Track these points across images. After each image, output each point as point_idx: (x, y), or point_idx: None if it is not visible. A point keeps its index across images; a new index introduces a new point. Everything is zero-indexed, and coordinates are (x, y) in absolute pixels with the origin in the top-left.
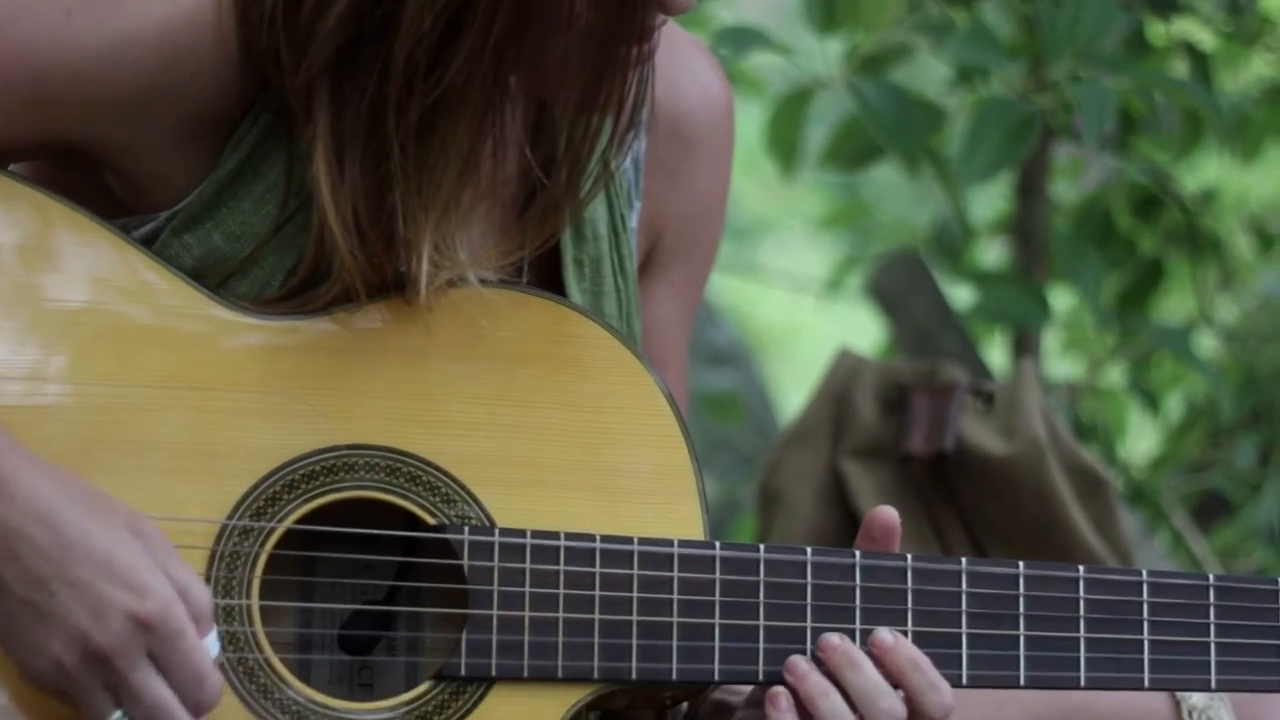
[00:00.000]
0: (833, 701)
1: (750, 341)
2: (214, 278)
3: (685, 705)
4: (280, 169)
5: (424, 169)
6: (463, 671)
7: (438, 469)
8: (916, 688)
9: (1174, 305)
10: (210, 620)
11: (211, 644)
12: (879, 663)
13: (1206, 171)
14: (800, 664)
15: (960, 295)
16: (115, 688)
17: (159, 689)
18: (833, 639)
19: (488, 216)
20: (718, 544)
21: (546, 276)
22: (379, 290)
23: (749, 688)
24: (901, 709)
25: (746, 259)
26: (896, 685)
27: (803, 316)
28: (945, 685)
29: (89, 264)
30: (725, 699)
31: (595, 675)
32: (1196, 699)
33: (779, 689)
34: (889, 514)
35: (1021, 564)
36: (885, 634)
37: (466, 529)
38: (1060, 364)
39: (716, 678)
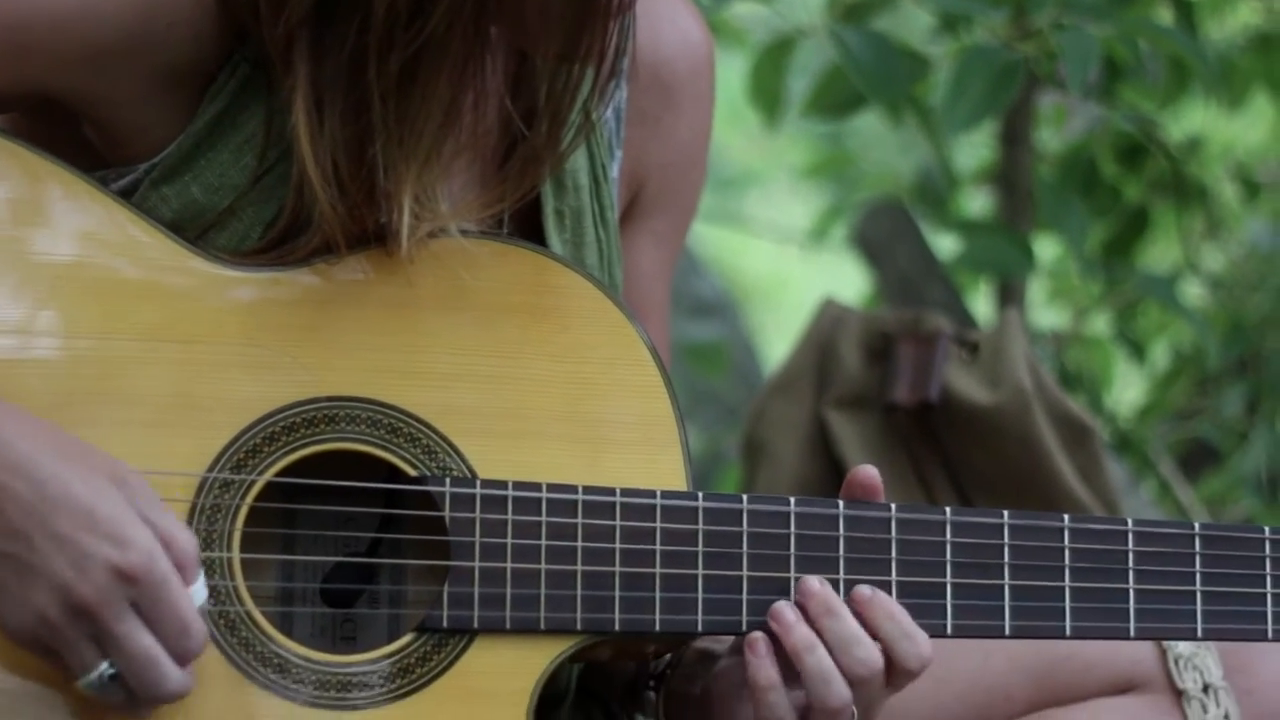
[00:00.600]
0: (818, 656)
1: (735, 293)
2: (193, 230)
3: (669, 655)
4: (259, 120)
5: (405, 120)
6: (445, 624)
7: (419, 421)
8: (890, 637)
9: (1160, 254)
10: (196, 567)
11: (198, 591)
12: (857, 615)
13: (1192, 119)
14: (786, 613)
15: (945, 244)
16: (100, 639)
17: (143, 639)
18: (812, 583)
19: (469, 168)
20: (700, 494)
21: (527, 228)
22: (359, 242)
23: (732, 636)
24: (877, 658)
25: (733, 210)
26: (875, 638)
27: (788, 267)
28: (922, 636)
29: (70, 218)
30: (709, 647)
31: (578, 627)
32: (1183, 648)
33: (758, 634)
34: (870, 472)
35: (1006, 513)
36: (863, 589)
37: (448, 481)
38: (1046, 313)
39: (700, 628)
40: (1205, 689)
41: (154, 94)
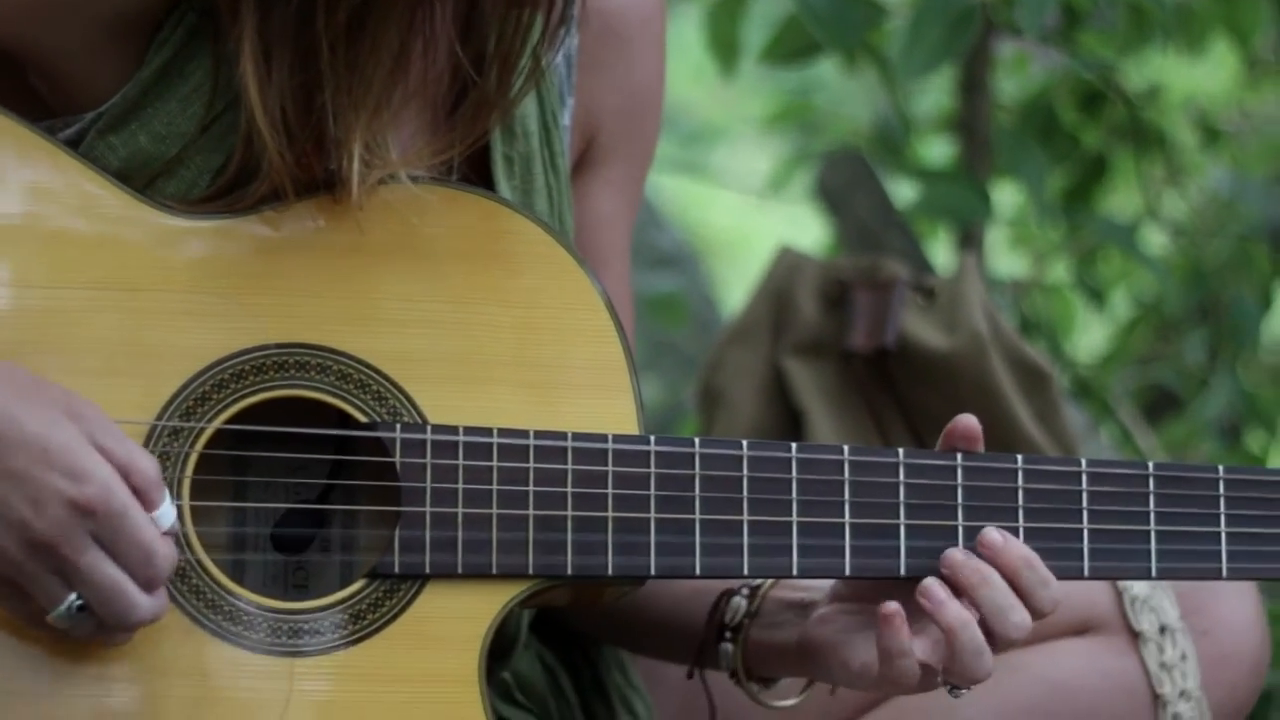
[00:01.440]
0: (970, 632)
1: (699, 246)
2: (140, 179)
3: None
4: (206, 69)
5: (354, 68)
6: (396, 569)
7: (369, 367)
8: (1029, 586)
9: (1121, 201)
10: (159, 489)
11: (164, 514)
12: (993, 565)
13: (1153, 66)
14: (937, 591)
15: (904, 193)
16: (64, 573)
17: (108, 570)
18: (956, 555)
19: (419, 115)
20: (652, 438)
21: (476, 174)
22: (308, 189)
23: (825, 583)
24: (1028, 619)
25: (699, 164)
26: (1013, 586)
27: (754, 221)
28: (1054, 580)
29: (17, 169)
30: (793, 596)
31: (530, 571)
32: (1138, 589)
33: (893, 605)
34: (970, 422)
35: (959, 455)
36: (994, 534)
37: (399, 426)
38: (1008, 261)
39: (653, 572)
40: (1162, 630)
41: (101, 43)
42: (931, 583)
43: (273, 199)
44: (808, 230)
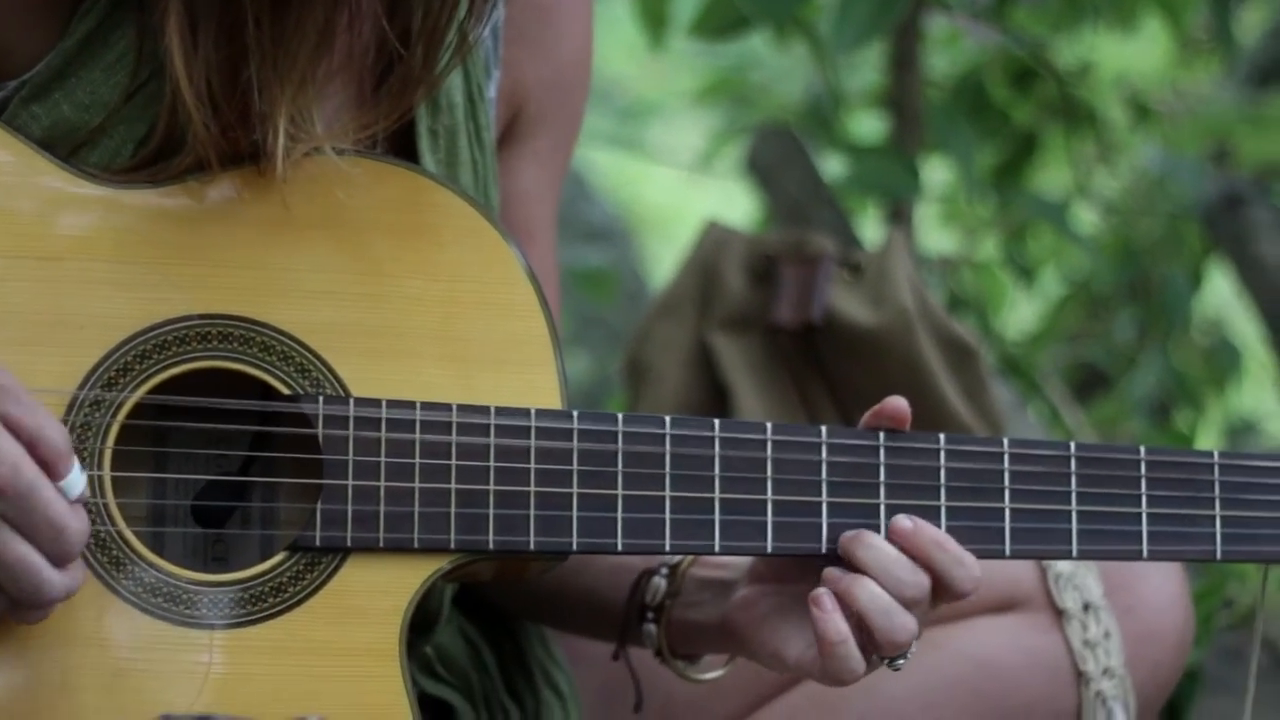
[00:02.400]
0: (870, 590)
1: (632, 221)
2: (63, 148)
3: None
4: (130, 38)
5: (280, 42)
6: (318, 542)
7: (292, 339)
8: (943, 566)
9: (1052, 179)
10: (67, 459)
11: (72, 483)
12: (904, 549)
13: (1086, 44)
14: (825, 599)
15: (835, 168)
16: None
17: (17, 548)
18: (903, 521)
19: (344, 89)
20: (575, 413)
21: (401, 147)
22: (233, 161)
23: (743, 561)
24: (924, 579)
25: (635, 140)
26: (926, 568)
27: (687, 196)
28: (971, 559)
29: None
30: (713, 575)
31: (452, 545)
32: (1063, 566)
33: (821, 590)
34: (899, 403)
35: (882, 434)
36: (903, 519)
37: (321, 399)
38: (939, 238)
39: (575, 547)
40: (1085, 608)
41: (25, 11)
42: (822, 593)
43: (197, 170)
44: (740, 205)
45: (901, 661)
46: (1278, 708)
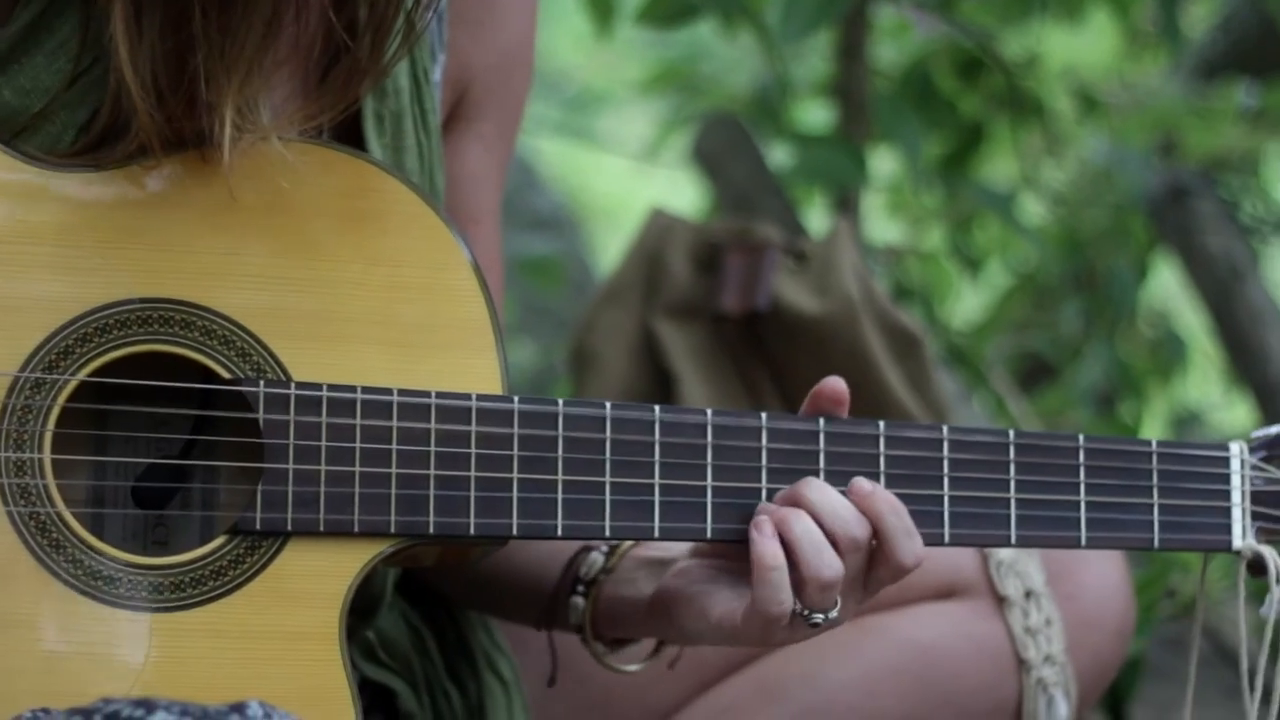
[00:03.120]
0: (804, 523)
1: (579, 210)
2: (4, 133)
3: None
4: (74, 25)
5: (227, 33)
6: (258, 526)
7: (233, 323)
8: (892, 531)
9: (999, 170)
10: None
11: None
12: (860, 508)
13: (1035, 36)
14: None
15: (783, 157)
16: None
17: None
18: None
19: (291, 80)
20: (516, 398)
21: (346, 132)
22: (177, 147)
23: (685, 546)
24: (862, 529)
25: (586, 130)
26: (875, 531)
27: (636, 186)
28: (917, 535)
29: None
30: (652, 554)
31: (392, 529)
32: (1004, 554)
33: (762, 515)
34: (837, 384)
35: (822, 420)
36: (863, 481)
37: (262, 383)
38: (886, 227)
39: (515, 532)
40: (1027, 595)
41: None
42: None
43: (140, 155)
44: (688, 194)
45: (820, 617)
46: (1220, 697)
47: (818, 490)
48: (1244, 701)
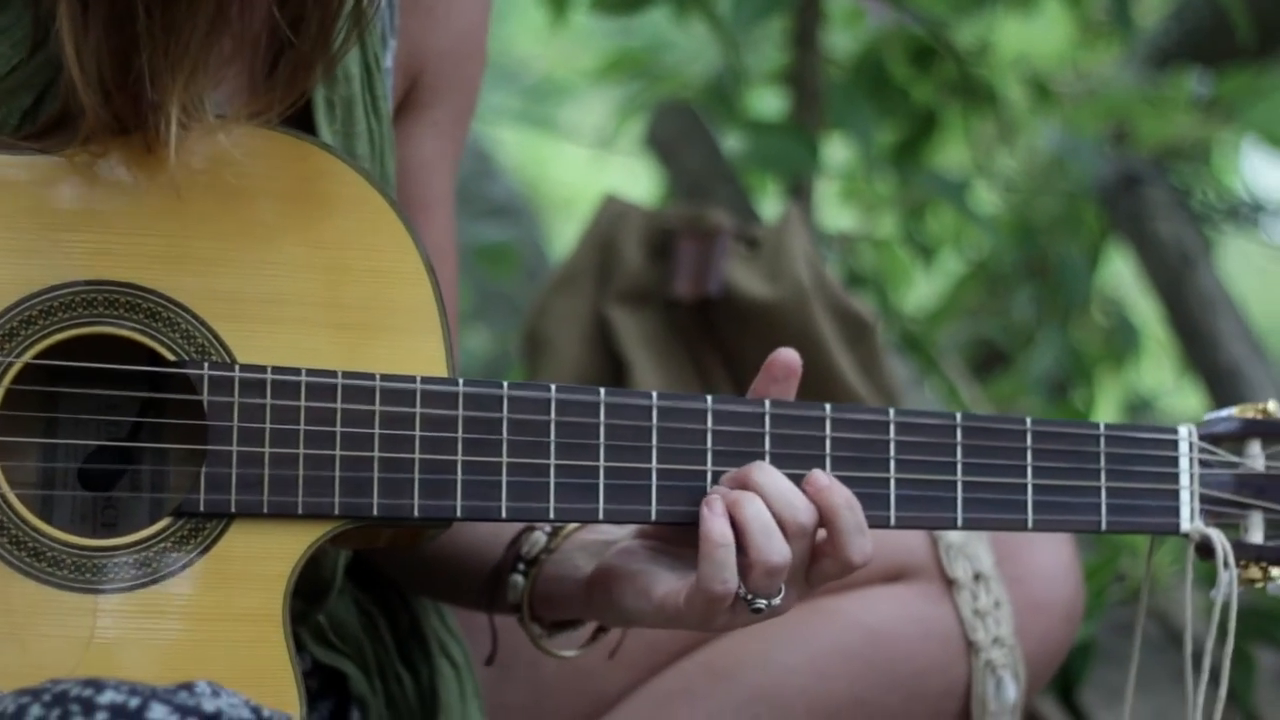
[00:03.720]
0: (756, 506)
1: (539, 199)
2: None
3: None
4: (18, 10)
5: (171, 31)
6: (201, 508)
7: (178, 305)
8: (845, 528)
9: (953, 158)
10: None
11: None
12: (814, 502)
13: (989, 25)
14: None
15: (735, 144)
16: None
17: None
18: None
19: (236, 77)
20: (461, 380)
21: (297, 118)
22: (124, 134)
23: (629, 528)
24: (809, 514)
25: (546, 119)
26: (828, 525)
27: (594, 175)
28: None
29: None
30: (596, 536)
31: (336, 511)
32: (954, 537)
33: (713, 494)
34: (790, 354)
35: (768, 402)
36: (820, 474)
37: (206, 365)
38: (841, 215)
39: (459, 514)
40: (976, 577)
41: None
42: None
43: (88, 140)
44: (645, 182)
45: (762, 603)
46: (1169, 681)
47: (768, 475)
48: (1186, 684)
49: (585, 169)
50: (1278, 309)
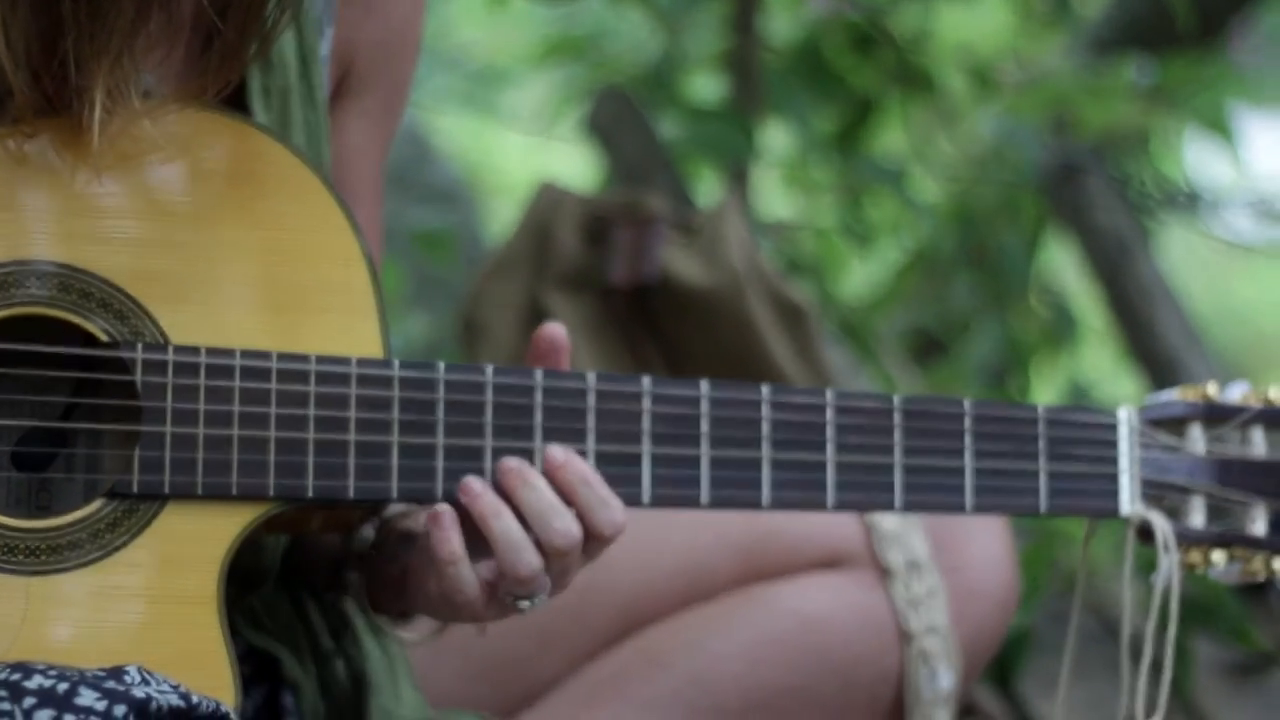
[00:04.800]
0: (504, 521)
1: (480, 185)
2: None
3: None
4: None
5: (95, 17)
6: (135, 489)
7: (111, 285)
8: (586, 504)
9: (893, 145)
10: None
11: None
12: (551, 480)
13: (923, 12)
14: (474, 484)
15: (673, 130)
16: None
17: None
18: (510, 461)
19: (164, 63)
20: (396, 362)
21: (233, 106)
22: (54, 114)
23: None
24: (576, 528)
25: (489, 105)
26: (569, 503)
27: (536, 161)
28: (617, 502)
29: None
30: (412, 528)
31: (271, 493)
32: (888, 526)
33: (443, 506)
34: (556, 329)
35: (704, 383)
36: (556, 450)
37: (139, 346)
38: (781, 202)
39: (394, 495)
40: (910, 566)
41: None
42: (470, 479)
43: (17, 122)
44: (584, 168)
45: (525, 604)
46: (1105, 670)
47: (527, 487)
48: (1122, 669)
49: (524, 155)
50: (1221, 299)
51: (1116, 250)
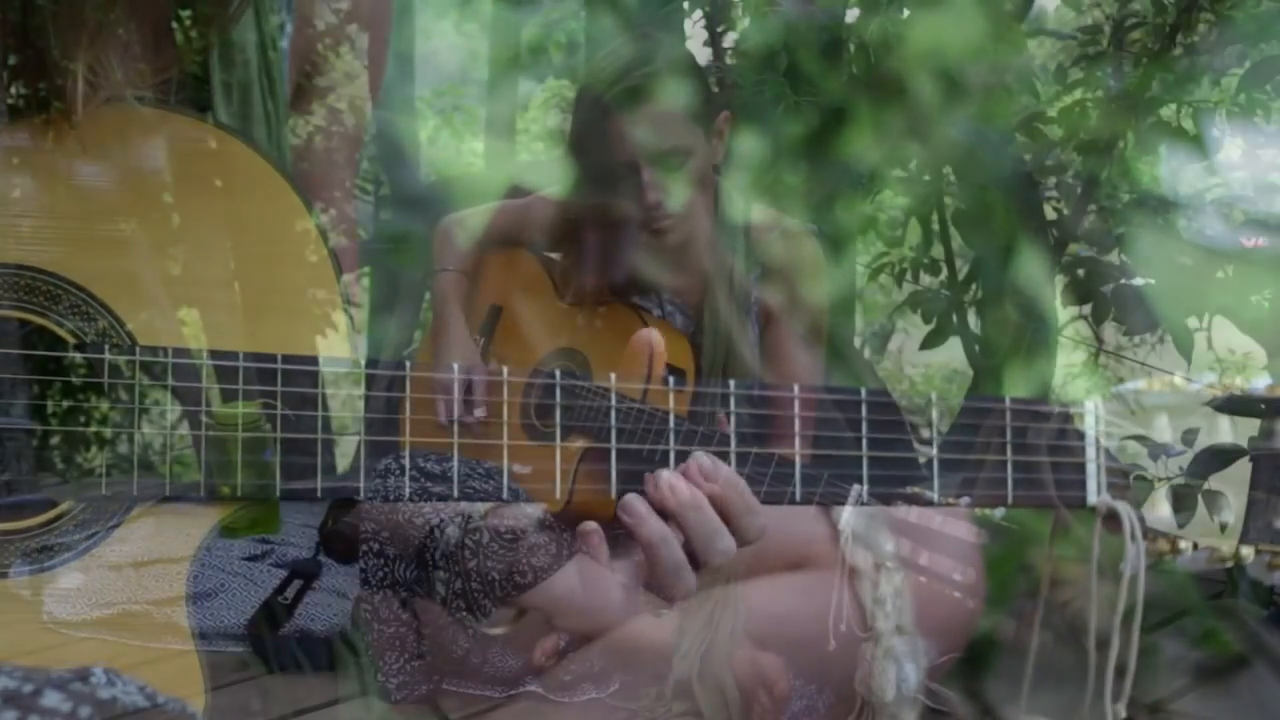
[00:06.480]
0: (671, 549)
1: (449, 189)
2: None
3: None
4: None
5: None
6: (104, 491)
7: (77, 287)
8: (735, 512)
9: (862, 149)
10: None
11: None
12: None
13: (891, 17)
14: (638, 506)
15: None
16: None
17: None
18: (680, 482)
19: (139, 35)
20: (363, 361)
21: (195, 101)
22: (28, 111)
23: (534, 512)
24: (733, 544)
25: (459, 110)
26: (722, 514)
27: (506, 165)
28: (759, 507)
29: None
30: (509, 525)
31: (239, 493)
32: (855, 525)
33: (631, 496)
34: (652, 333)
35: (672, 378)
36: (704, 460)
37: (107, 348)
38: (750, 206)
39: (362, 495)
40: (877, 566)
41: None
42: (632, 498)
43: None
44: (554, 173)
45: (665, 612)
46: (1070, 671)
47: (695, 510)
48: (1089, 656)
49: (494, 159)
50: (1190, 301)
51: (1087, 254)
